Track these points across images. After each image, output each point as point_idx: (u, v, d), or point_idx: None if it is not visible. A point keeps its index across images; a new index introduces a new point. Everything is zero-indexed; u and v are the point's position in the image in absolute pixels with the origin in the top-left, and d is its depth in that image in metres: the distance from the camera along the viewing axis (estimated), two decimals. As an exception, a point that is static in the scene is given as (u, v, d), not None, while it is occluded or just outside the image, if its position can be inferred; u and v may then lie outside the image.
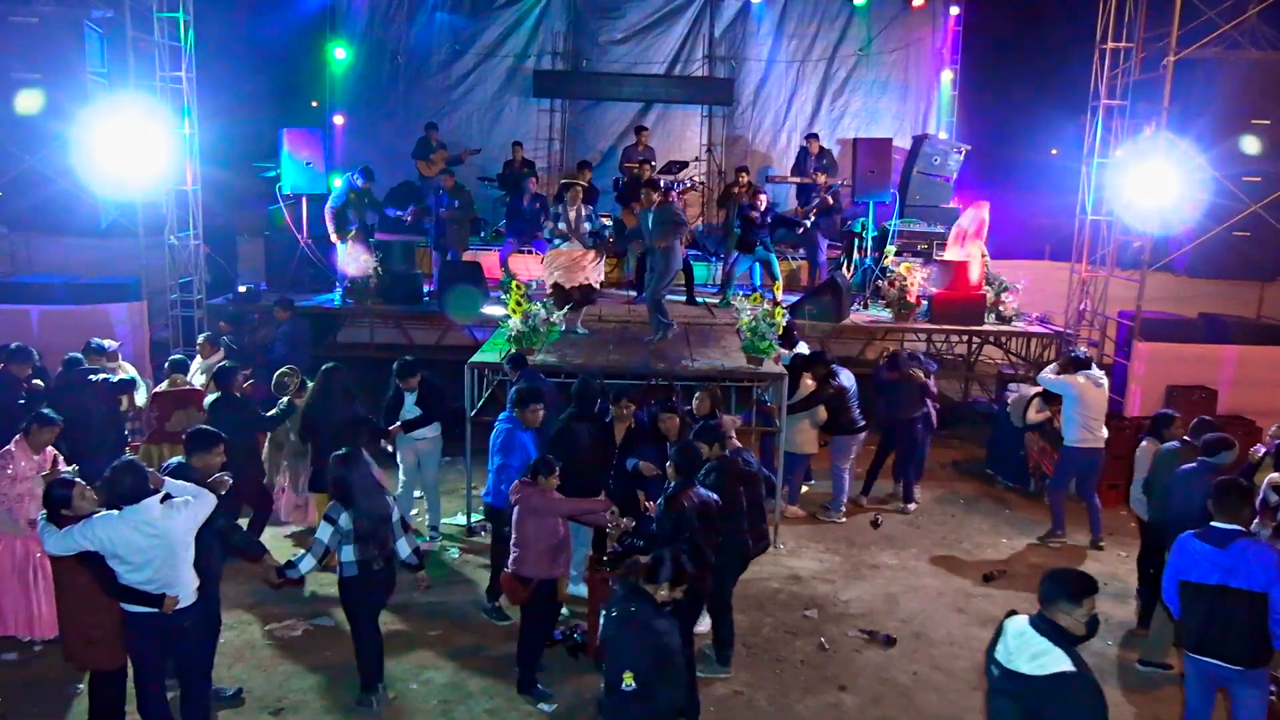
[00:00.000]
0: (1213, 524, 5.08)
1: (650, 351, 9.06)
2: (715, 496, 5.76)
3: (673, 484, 5.69)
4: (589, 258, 9.76)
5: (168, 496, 4.89)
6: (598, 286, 9.93)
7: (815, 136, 13.55)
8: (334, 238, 11.26)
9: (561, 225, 9.88)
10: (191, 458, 5.43)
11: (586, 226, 9.94)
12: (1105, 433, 8.45)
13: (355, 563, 5.50)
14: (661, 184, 11.31)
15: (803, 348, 9.12)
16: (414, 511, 8.68)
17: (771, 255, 11.81)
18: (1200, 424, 6.89)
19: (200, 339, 9.08)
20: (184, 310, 10.48)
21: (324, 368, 7.68)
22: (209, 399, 7.53)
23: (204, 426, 5.79)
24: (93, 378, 7.58)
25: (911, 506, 9.25)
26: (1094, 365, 8.66)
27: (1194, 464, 6.28)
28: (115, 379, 7.84)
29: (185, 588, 4.94)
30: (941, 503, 9.53)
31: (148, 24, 9.90)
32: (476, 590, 7.26)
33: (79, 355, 7.91)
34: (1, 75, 11.04)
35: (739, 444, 6.82)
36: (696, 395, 7.32)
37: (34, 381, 7.65)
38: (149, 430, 7.91)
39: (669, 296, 9.88)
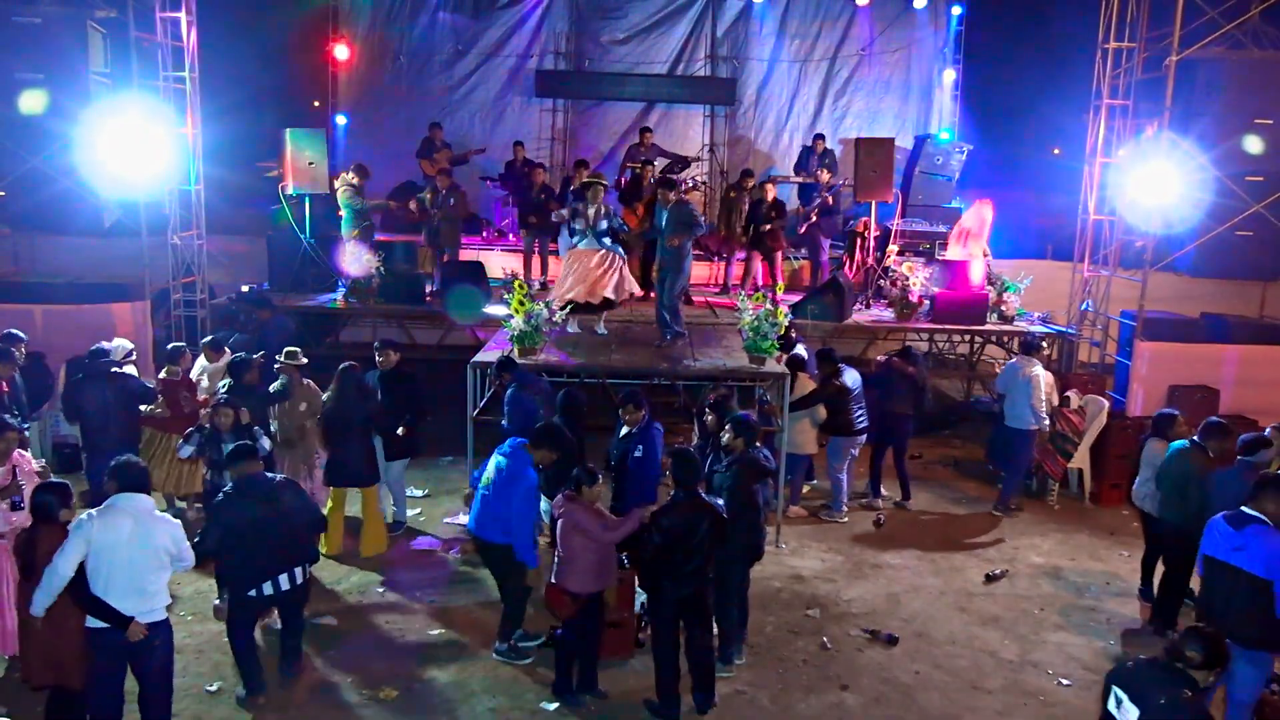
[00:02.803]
0: (1242, 508, 5.35)
1: (652, 351, 9.07)
2: (720, 503, 5.75)
3: (673, 494, 5.66)
4: (610, 264, 9.36)
5: None
6: (615, 299, 9.47)
7: (821, 137, 13.55)
8: (350, 239, 11.27)
9: (579, 223, 9.42)
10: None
11: (603, 225, 9.56)
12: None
13: None
14: (679, 183, 11.30)
15: (800, 350, 9.11)
16: (417, 510, 8.71)
17: (776, 255, 11.81)
18: (1210, 425, 6.90)
19: (203, 342, 8.98)
20: (187, 310, 10.50)
21: (341, 367, 7.72)
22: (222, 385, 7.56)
23: (244, 443, 6.02)
24: (115, 370, 7.61)
25: (910, 503, 9.29)
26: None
27: (1233, 466, 6.40)
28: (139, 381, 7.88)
29: (155, 598, 4.89)
30: (943, 502, 9.53)
31: (150, 24, 9.91)
32: (478, 590, 7.27)
33: (105, 346, 7.85)
34: (5, 75, 11.08)
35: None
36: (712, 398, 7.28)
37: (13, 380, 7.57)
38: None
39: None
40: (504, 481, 6.10)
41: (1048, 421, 8.98)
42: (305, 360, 8.04)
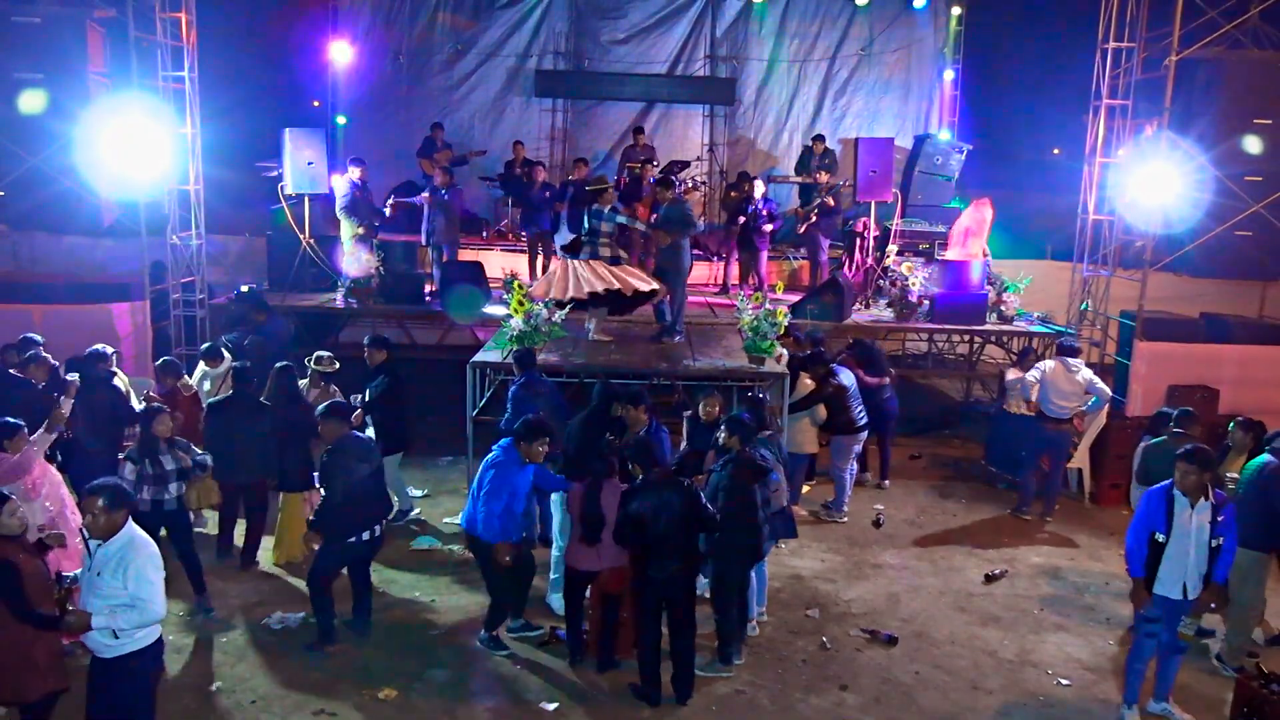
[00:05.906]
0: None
1: (652, 351, 9.07)
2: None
3: (641, 477, 5.84)
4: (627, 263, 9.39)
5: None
6: (646, 289, 9.23)
7: (822, 138, 13.56)
8: (348, 238, 11.27)
9: (608, 227, 9.20)
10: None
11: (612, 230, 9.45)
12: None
13: None
14: (675, 183, 11.31)
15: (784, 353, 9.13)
16: (416, 510, 8.70)
17: (762, 254, 11.82)
18: (1183, 415, 6.99)
19: (203, 349, 8.83)
20: (186, 310, 10.50)
21: (276, 366, 7.65)
22: (221, 397, 7.50)
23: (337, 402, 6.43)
24: (116, 383, 7.59)
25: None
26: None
27: (1270, 460, 6.38)
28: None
29: None
30: (943, 502, 9.53)
31: (150, 23, 9.90)
32: (478, 589, 7.24)
33: (105, 350, 7.73)
34: (4, 75, 11.06)
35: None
36: (704, 399, 7.28)
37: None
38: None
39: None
40: (495, 476, 6.07)
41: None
42: (337, 365, 8.05)
